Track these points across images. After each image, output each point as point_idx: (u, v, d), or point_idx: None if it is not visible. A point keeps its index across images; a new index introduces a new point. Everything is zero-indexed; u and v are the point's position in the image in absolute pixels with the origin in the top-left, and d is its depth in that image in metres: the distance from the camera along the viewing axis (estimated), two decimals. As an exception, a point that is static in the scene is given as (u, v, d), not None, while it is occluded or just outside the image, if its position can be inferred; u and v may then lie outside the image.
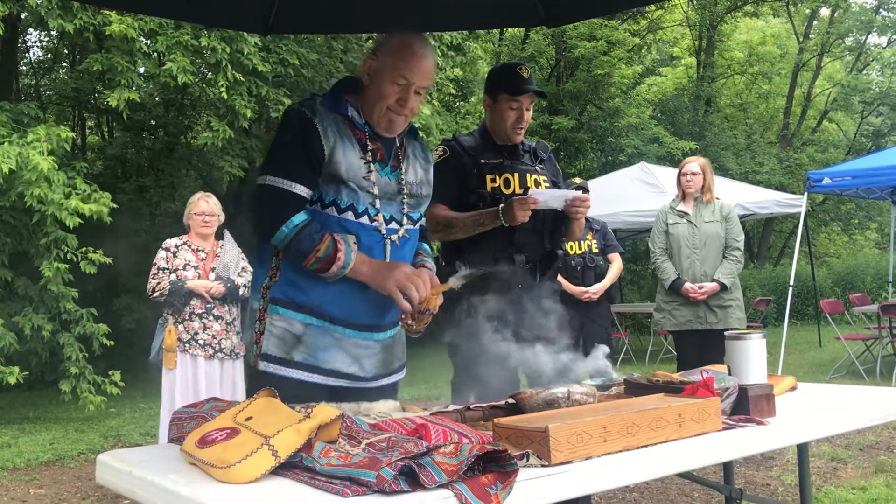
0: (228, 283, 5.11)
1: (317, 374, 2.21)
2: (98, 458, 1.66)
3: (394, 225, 2.32)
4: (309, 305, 2.23)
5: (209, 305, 5.07)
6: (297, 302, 2.22)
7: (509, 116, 2.97)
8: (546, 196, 2.88)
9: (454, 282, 2.32)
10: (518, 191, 2.98)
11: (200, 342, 5.04)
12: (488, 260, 2.92)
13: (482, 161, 2.99)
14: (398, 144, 2.38)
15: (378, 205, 2.28)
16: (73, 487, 5.27)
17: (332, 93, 2.36)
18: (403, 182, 2.36)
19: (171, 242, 5.23)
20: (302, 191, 2.20)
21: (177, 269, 5.09)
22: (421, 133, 2.62)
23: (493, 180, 2.97)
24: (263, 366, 2.22)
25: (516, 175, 3.00)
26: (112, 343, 7.69)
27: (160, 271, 5.10)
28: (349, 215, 2.25)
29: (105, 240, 8.01)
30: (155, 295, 5.08)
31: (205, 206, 5.22)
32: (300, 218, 2.17)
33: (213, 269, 5.14)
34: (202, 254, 5.18)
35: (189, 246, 5.21)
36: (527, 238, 2.97)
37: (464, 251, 2.94)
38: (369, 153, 2.29)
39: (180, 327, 5.04)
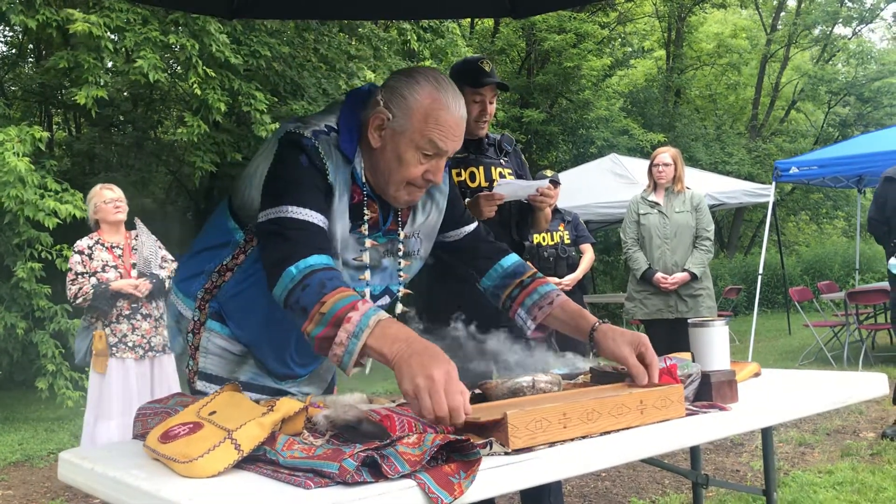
0: (153, 280, 4.85)
1: (266, 394, 1.89)
2: (60, 455, 1.64)
3: (385, 300, 1.88)
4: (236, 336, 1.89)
5: (135, 305, 4.80)
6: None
7: (472, 110, 2.99)
8: (511, 189, 2.91)
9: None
10: (484, 184, 3.01)
11: (130, 344, 4.76)
12: None
13: None
14: None
15: (369, 293, 1.83)
16: (42, 488, 5.21)
17: (346, 119, 1.75)
18: (402, 238, 1.87)
19: (82, 244, 4.90)
20: (323, 222, 1.67)
21: (96, 272, 4.79)
22: None
23: (459, 174, 3.01)
24: (203, 385, 1.89)
25: (481, 168, 3.03)
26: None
27: (78, 276, 4.78)
28: None
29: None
30: (78, 301, 4.77)
31: (111, 194, 4.98)
32: (318, 259, 1.57)
33: (133, 266, 4.89)
34: (118, 250, 4.91)
35: (102, 245, 4.90)
36: (494, 230, 2.97)
37: None
38: (365, 223, 1.78)
39: (107, 331, 4.76)
